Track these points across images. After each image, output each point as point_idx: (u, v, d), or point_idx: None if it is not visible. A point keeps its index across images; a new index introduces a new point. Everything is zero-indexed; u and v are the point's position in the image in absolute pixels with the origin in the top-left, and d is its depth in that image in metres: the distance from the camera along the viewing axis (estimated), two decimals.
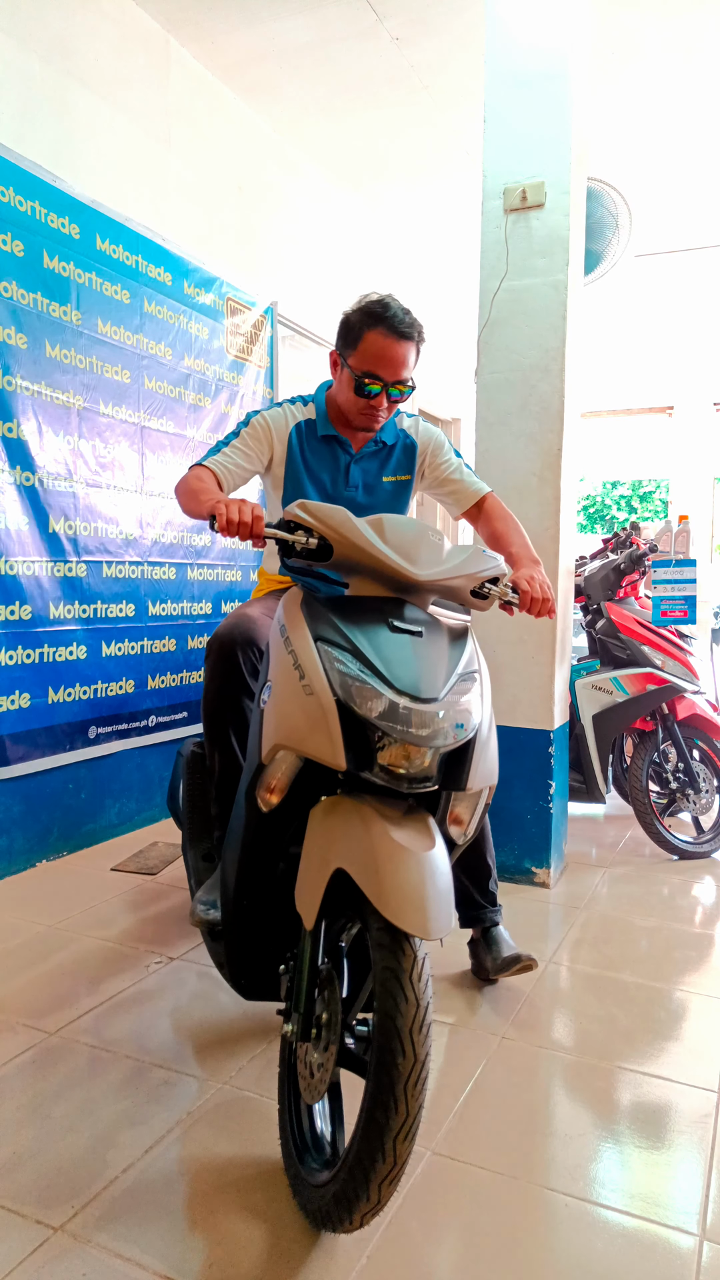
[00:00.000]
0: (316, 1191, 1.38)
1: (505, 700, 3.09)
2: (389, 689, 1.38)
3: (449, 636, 1.58)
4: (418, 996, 1.26)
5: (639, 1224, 1.48)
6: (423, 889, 1.28)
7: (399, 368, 1.96)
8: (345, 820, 1.41)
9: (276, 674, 1.53)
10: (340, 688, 1.40)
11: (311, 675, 1.43)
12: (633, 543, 3.77)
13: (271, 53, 3.87)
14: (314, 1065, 1.46)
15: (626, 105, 4.23)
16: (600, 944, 2.60)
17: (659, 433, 7.41)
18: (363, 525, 1.55)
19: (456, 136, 4.49)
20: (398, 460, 2.17)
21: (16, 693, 3.08)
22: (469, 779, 1.46)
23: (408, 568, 1.52)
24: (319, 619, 1.51)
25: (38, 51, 3.13)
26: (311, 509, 1.56)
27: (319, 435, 2.10)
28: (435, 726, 1.38)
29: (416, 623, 1.53)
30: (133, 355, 3.56)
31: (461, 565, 1.59)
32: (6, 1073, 1.86)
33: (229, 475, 2.04)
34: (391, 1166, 1.24)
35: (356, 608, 1.55)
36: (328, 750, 1.39)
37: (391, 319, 1.92)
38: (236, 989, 1.75)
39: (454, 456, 2.22)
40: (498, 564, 1.66)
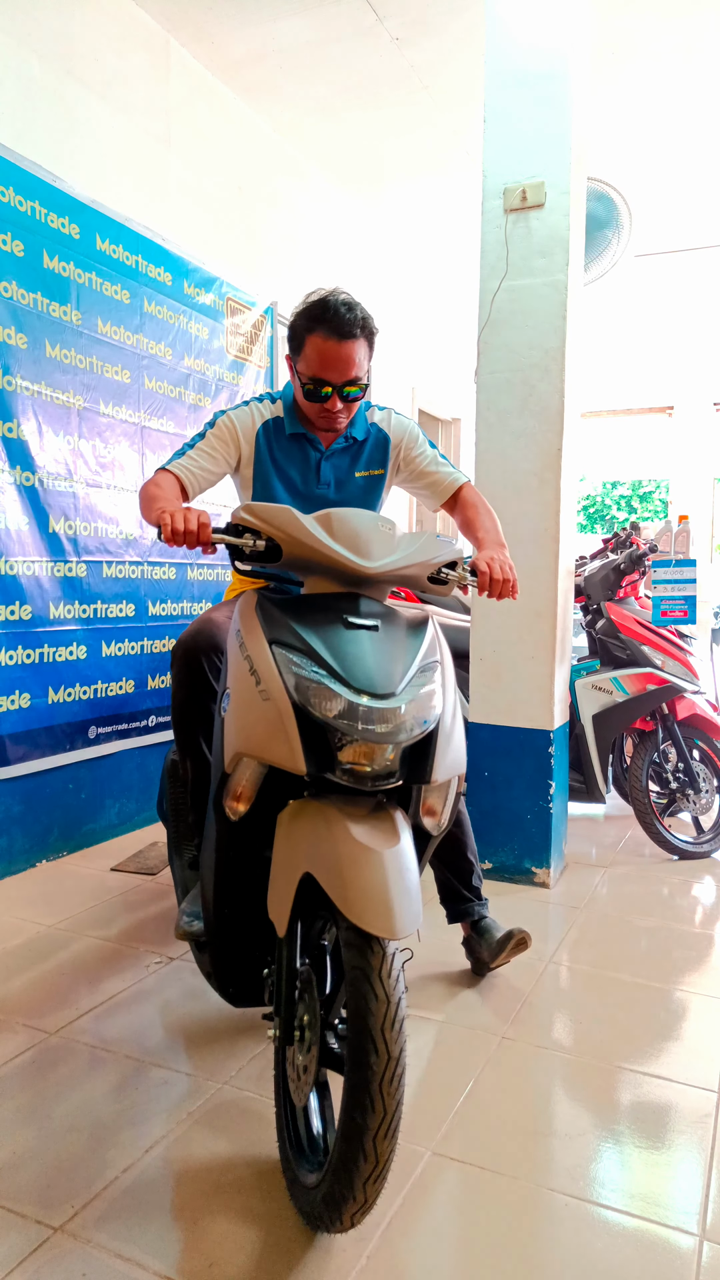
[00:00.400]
0: (309, 1193, 1.38)
1: (505, 700, 3.09)
2: (346, 688, 1.37)
3: (407, 627, 1.56)
4: (388, 994, 1.25)
5: (639, 1224, 1.48)
6: (386, 888, 1.28)
7: (346, 368, 1.90)
8: (310, 824, 1.40)
9: (234, 681, 1.51)
10: (296, 690, 1.38)
11: (267, 680, 1.42)
12: (633, 543, 3.77)
13: (271, 53, 3.87)
14: (299, 1067, 1.46)
15: (626, 105, 4.23)
16: (600, 944, 2.60)
17: (659, 433, 7.41)
18: (309, 522, 1.52)
19: (456, 136, 4.49)
20: (370, 455, 2.13)
21: (16, 693, 3.08)
22: (434, 771, 1.44)
23: (357, 561, 1.50)
24: (274, 622, 1.50)
25: (37, 51, 3.13)
26: (256, 510, 1.54)
27: (287, 433, 2.06)
28: (395, 722, 1.37)
29: (372, 616, 1.50)
30: (133, 355, 3.56)
31: (415, 553, 1.56)
32: (6, 1073, 1.86)
33: (194, 479, 2.00)
34: (374, 1166, 1.24)
35: (312, 606, 1.53)
36: (287, 756, 1.38)
37: (332, 319, 1.85)
38: (225, 997, 1.75)
39: (429, 448, 2.18)
40: (453, 548, 1.63)
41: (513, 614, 3.07)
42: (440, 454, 2.19)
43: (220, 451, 2.04)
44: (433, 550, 1.59)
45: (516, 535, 3.03)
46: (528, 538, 3.02)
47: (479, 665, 3.13)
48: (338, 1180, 1.27)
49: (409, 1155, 1.62)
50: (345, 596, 1.54)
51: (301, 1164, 1.45)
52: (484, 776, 3.12)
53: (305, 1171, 1.43)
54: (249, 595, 1.63)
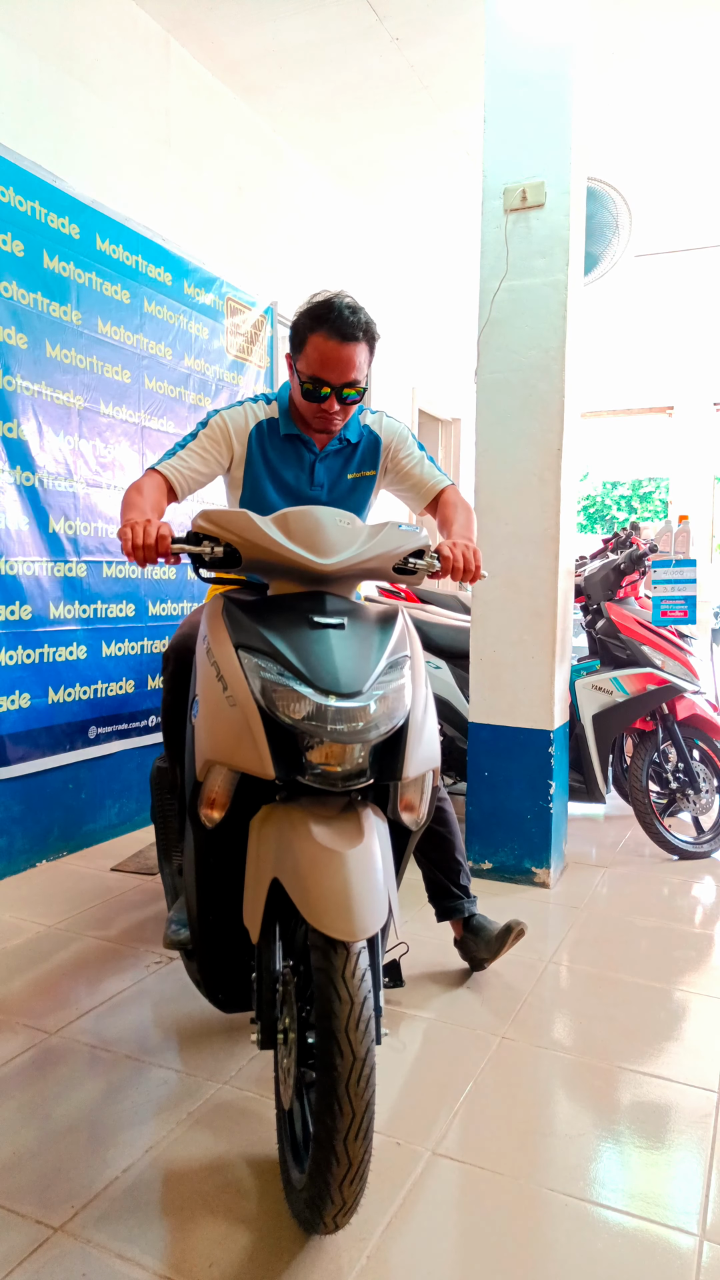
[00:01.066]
0: (297, 1195, 1.38)
1: (505, 700, 3.09)
2: (312, 689, 1.36)
3: (376, 623, 1.55)
4: (352, 995, 1.24)
5: (639, 1224, 1.48)
6: (346, 891, 1.27)
7: (346, 370, 1.90)
8: (278, 828, 1.40)
9: (202, 687, 1.51)
10: (262, 694, 1.38)
11: (234, 685, 1.41)
12: (633, 543, 3.77)
13: (271, 53, 3.87)
14: (284, 1069, 1.46)
15: (626, 105, 4.23)
16: (600, 944, 2.60)
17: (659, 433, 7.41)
18: (265, 524, 1.52)
19: (456, 136, 4.49)
20: (362, 457, 2.13)
21: (16, 693, 3.08)
22: (406, 767, 1.44)
23: (313, 559, 1.49)
24: (239, 626, 1.49)
25: (38, 51, 3.13)
26: (212, 516, 1.54)
27: (281, 434, 2.05)
28: (363, 720, 1.36)
29: (338, 614, 1.49)
30: (133, 355, 3.56)
31: (376, 545, 1.55)
32: (6, 1073, 1.86)
33: (183, 479, 1.99)
34: (347, 1168, 1.24)
35: (277, 608, 1.52)
36: (255, 762, 1.37)
37: (335, 320, 1.86)
38: (215, 1003, 1.75)
39: (416, 450, 2.17)
40: (417, 536, 1.62)
41: (513, 614, 3.07)
42: (429, 457, 2.20)
43: (212, 452, 2.03)
44: (395, 540, 1.58)
45: (516, 535, 3.04)
46: (528, 538, 3.02)
47: (479, 665, 3.13)
48: (314, 1183, 1.27)
49: (409, 1155, 1.62)
50: (310, 596, 1.53)
51: (294, 1166, 1.45)
52: (484, 776, 3.12)
53: (294, 1173, 1.43)
54: (216, 600, 1.62)
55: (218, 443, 2.04)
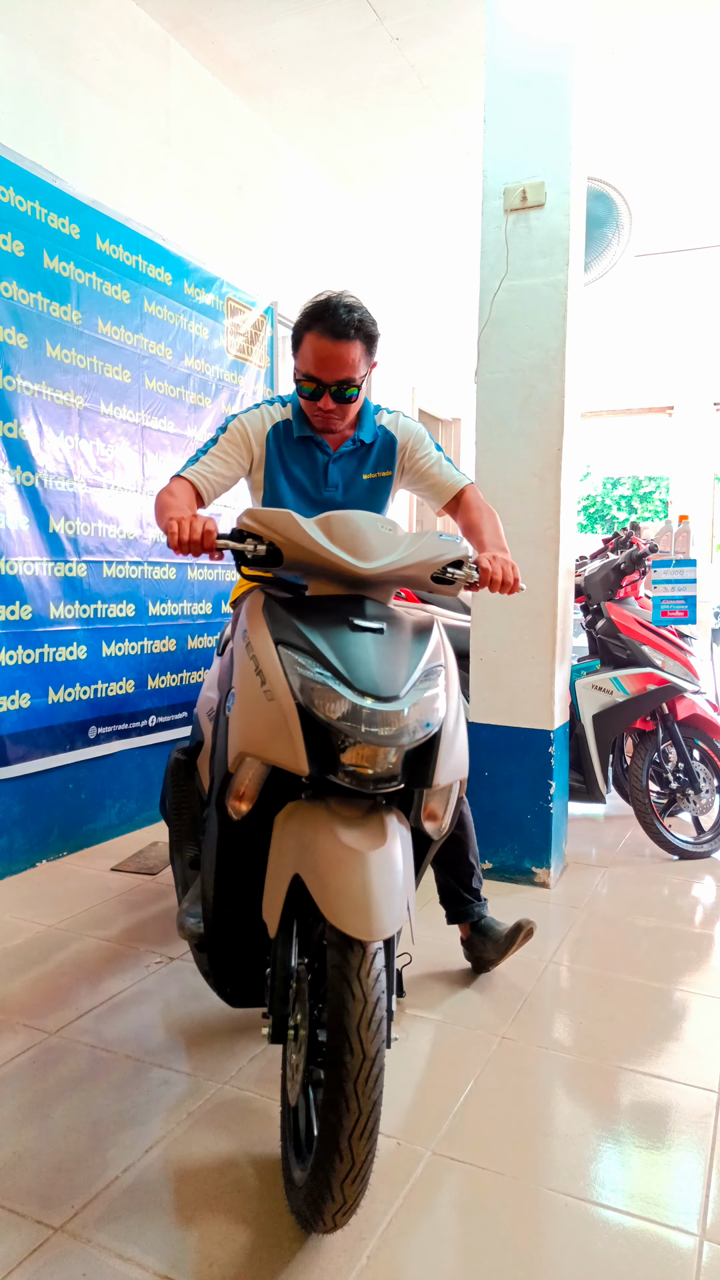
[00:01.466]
0: (297, 1192, 1.38)
1: (505, 700, 3.09)
2: (350, 690, 1.37)
3: (413, 631, 1.56)
4: (366, 994, 1.25)
5: (639, 1224, 1.48)
6: (367, 891, 1.28)
7: (339, 368, 1.91)
8: (302, 825, 1.41)
9: (239, 680, 1.52)
10: (300, 691, 1.39)
11: (272, 680, 1.42)
12: (633, 543, 3.77)
13: (271, 53, 3.87)
14: (293, 1065, 1.47)
15: (626, 105, 4.23)
16: (600, 944, 2.60)
17: (659, 433, 7.41)
18: (308, 525, 1.53)
19: (456, 136, 4.49)
20: (377, 457, 2.14)
21: (16, 693, 3.08)
22: (435, 775, 1.45)
23: (355, 563, 1.50)
24: (280, 622, 1.50)
25: (38, 51, 3.13)
26: (257, 515, 1.55)
27: (295, 436, 2.07)
28: (397, 725, 1.37)
29: (378, 619, 1.51)
30: (133, 355, 3.56)
31: (416, 552, 1.56)
32: (6, 1073, 1.86)
33: (208, 484, 2.02)
34: (350, 1166, 1.24)
35: (318, 608, 1.53)
36: (290, 756, 1.38)
37: (328, 318, 1.87)
38: (222, 997, 1.75)
39: (433, 450, 2.18)
40: (458, 546, 1.63)
41: (513, 614, 3.07)
42: (445, 457, 2.20)
43: (233, 455, 2.06)
44: (435, 549, 1.59)
45: (517, 535, 3.03)
46: (528, 538, 3.02)
47: (479, 665, 3.13)
48: (316, 1180, 1.28)
49: (409, 1155, 1.62)
50: (350, 599, 1.55)
51: (296, 1163, 1.45)
52: (484, 776, 3.12)
53: (297, 1170, 1.43)
54: (256, 595, 1.63)
55: (238, 446, 2.07)
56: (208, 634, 4.05)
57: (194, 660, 3.96)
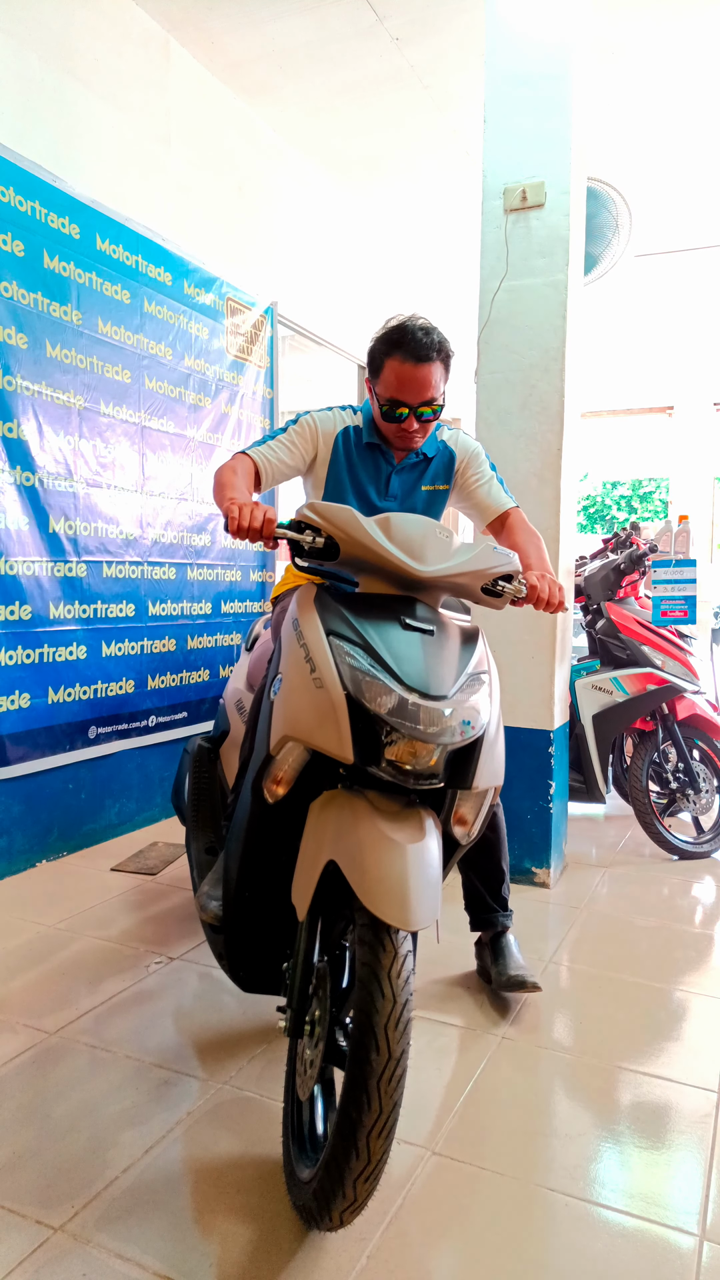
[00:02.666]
0: (303, 1188, 1.38)
1: (505, 700, 3.07)
2: (399, 685, 1.39)
3: (460, 637, 1.59)
4: (395, 993, 1.26)
5: (639, 1224, 1.48)
6: (405, 880, 1.29)
7: (423, 390, 1.98)
8: (339, 813, 1.43)
9: (288, 666, 1.54)
10: (350, 682, 1.40)
11: (322, 668, 1.44)
12: (633, 543, 3.77)
13: (271, 53, 3.87)
14: (307, 1061, 1.48)
15: (626, 105, 4.23)
16: (600, 944, 2.60)
17: (659, 433, 7.41)
18: (369, 524, 1.55)
19: (456, 136, 4.49)
20: (436, 471, 2.18)
21: (16, 693, 3.07)
22: (475, 778, 1.47)
23: (413, 564, 1.53)
24: (331, 613, 1.52)
25: (38, 51, 3.13)
26: (319, 509, 1.57)
27: (364, 443, 2.11)
28: (444, 724, 1.39)
29: (428, 621, 1.54)
30: (133, 355, 3.56)
31: (470, 561, 1.59)
32: (6, 1073, 1.86)
33: (270, 468, 2.04)
34: (366, 1163, 1.25)
35: (369, 604, 1.56)
36: (335, 743, 1.40)
37: (409, 344, 1.93)
38: (235, 980, 1.76)
39: (488, 469, 2.22)
40: (510, 560, 1.65)
41: (513, 614, 3.07)
42: (499, 477, 2.24)
43: (300, 447, 2.09)
44: (489, 560, 1.62)
45: None
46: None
47: None
48: (329, 1176, 1.28)
49: (409, 1155, 1.62)
50: (401, 599, 1.57)
51: (300, 1159, 1.46)
52: None
53: (303, 1166, 1.43)
54: (308, 586, 1.66)
55: (306, 440, 2.10)
56: (207, 634, 4.05)
57: (194, 660, 3.96)
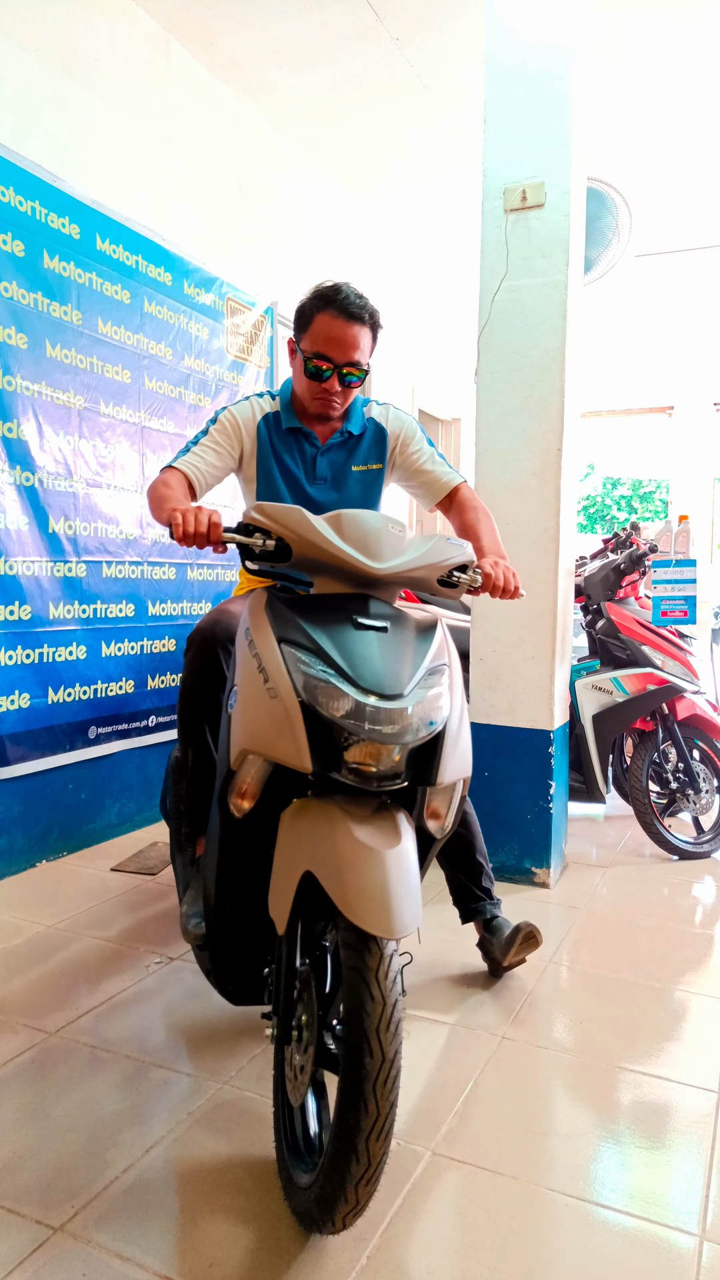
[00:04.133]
0: (302, 1194, 1.38)
1: (505, 700, 3.09)
2: (354, 687, 1.37)
3: (416, 630, 1.56)
4: (384, 995, 1.25)
5: (639, 1224, 1.48)
6: (385, 888, 1.28)
7: (349, 349, 1.93)
8: (312, 822, 1.40)
9: (242, 678, 1.51)
10: (304, 689, 1.38)
11: (276, 678, 1.42)
12: (633, 543, 3.77)
13: (271, 53, 3.87)
14: (296, 1067, 1.46)
15: (626, 105, 4.23)
16: (600, 944, 2.60)
17: (659, 433, 7.41)
18: (319, 523, 1.52)
19: (456, 136, 4.49)
20: (367, 449, 2.12)
21: (16, 693, 3.07)
22: (439, 773, 1.45)
23: (366, 562, 1.50)
24: (283, 620, 1.50)
25: (37, 51, 3.13)
26: (267, 510, 1.55)
27: (285, 428, 2.07)
28: (402, 723, 1.37)
29: (382, 618, 1.51)
30: (133, 355, 3.56)
31: (425, 555, 1.56)
32: (6, 1073, 1.86)
33: (200, 476, 2.00)
34: (366, 1167, 1.24)
35: (321, 606, 1.53)
36: (293, 754, 1.37)
37: (342, 300, 1.91)
38: (224, 995, 1.75)
39: (426, 446, 2.17)
40: (464, 551, 1.63)
41: (513, 614, 3.07)
42: (438, 453, 2.18)
43: (225, 446, 2.05)
44: (444, 553, 1.59)
45: (517, 535, 3.04)
46: (528, 538, 3.02)
47: (479, 665, 3.13)
48: (329, 1181, 1.27)
49: (409, 1155, 1.62)
50: (355, 597, 1.54)
51: (296, 1164, 1.45)
52: (484, 776, 3.12)
53: (300, 1172, 1.43)
54: (259, 593, 1.63)
55: (229, 437, 2.06)
56: None
57: None
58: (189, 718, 2.01)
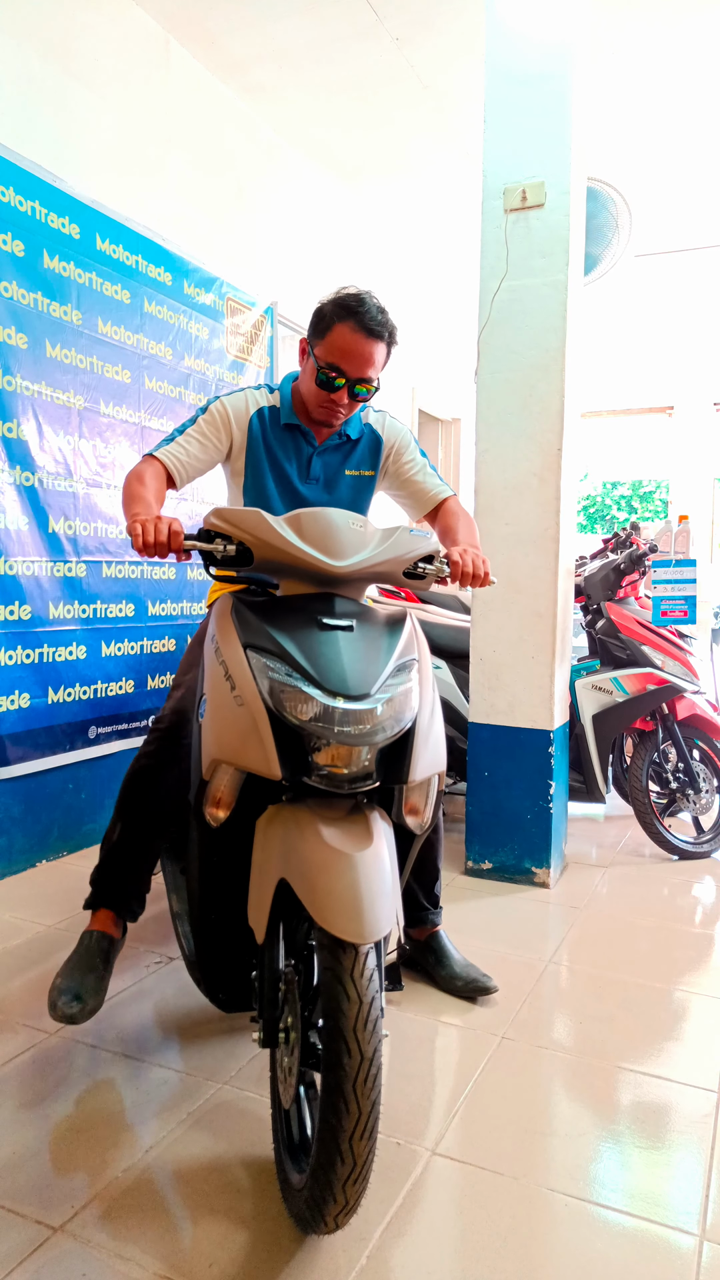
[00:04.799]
0: (296, 1195, 1.38)
1: (505, 700, 3.09)
2: (320, 690, 1.36)
3: (384, 625, 1.55)
4: (360, 994, 1.24)
5: (639, 1224, 1.48)
6: (356, 892, 1.27)
7: (364, 365, 1.90)
8: (285, 829, 1.40)
9: (210, 687, 1.51)
10: (270, 695, 1.37)
11: (242, 685, 1.41)
12: (633, 543, 3.77)
13: (271, 53, 3.87)
14: (285, 1069, 1.46)
15: (626, 105, 4.23)
16: (600, 944, 2.60)
17: (659, 433, 7.41)
18: (278, 524, 1.51)
19: (456, 136, 4.49)
20: (361, 455, 2.11)
21: (16, 693, 3.07)
22: (412, 770, 1.44)
23: (327, 561, 1.49)
24: (248, 625, 1.49)
25: (37, 51, 3.13)
26: (225, 514, 1.53)
27: (282, 424, 2.03)
28: (370, 723, 1.36)
29: (347, 616, 1.49)
30: (133, 355, 3.55)
31: (388, 549, 1.55)
32: (6, 1073, 1.86)
33: (181, 466, 1.96)
34: (352, 1167, 1.23)
35: (287, 608, 1.52)
36: (262, 761, 1.37)
37: (363, 314, 1.86)
38: (215, 1003, 1.75)
39: (418, 456, 2.15)
40: (427, 540, 1.62)
41: (513, 614, 3.07)
42: (430, 465, 2.17)
43: (211, 438, 2.00)
44: (407, 545, 1.58)
45: (516, 535, 3.04)
46: (528, 538, 3.02)
47: (479, 665, 3.13)
48: (317, 1182, 1.27)
49: (409, 1155, 1.62)
50: (320, 597, 1.53)
51: (291, 1166, 1.45)
52: (484, 776, 3.12)
53: (294, 1173, 1.43)
54: (224, 599, 1.62)
55: (218, 429, 2.01)
56: None
57: None
58: (132, 797, 1.97)
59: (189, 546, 1.58)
